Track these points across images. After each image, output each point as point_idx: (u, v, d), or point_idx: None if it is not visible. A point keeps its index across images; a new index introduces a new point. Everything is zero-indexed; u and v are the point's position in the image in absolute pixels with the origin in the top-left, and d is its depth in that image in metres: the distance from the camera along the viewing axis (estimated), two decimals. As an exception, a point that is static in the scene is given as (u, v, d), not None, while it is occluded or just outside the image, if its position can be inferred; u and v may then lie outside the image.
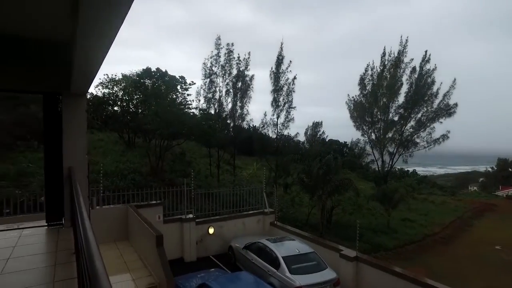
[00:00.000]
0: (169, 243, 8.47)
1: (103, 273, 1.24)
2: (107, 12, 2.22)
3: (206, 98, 25.34)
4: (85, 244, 1.71)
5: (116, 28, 2.58)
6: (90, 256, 1.45)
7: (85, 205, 2.55)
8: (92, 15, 2.28)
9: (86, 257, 1.49)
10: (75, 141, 5.23)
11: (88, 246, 1.60)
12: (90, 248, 1.56)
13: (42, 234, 4.89)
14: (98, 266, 1.31)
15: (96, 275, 1.22)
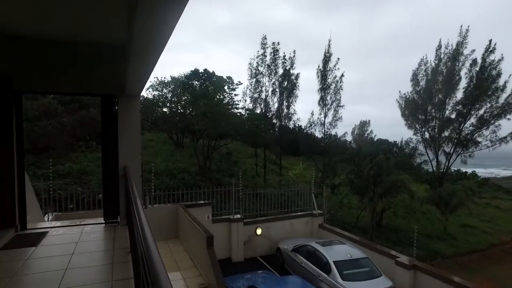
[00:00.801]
0: (217, 243, 8.46)
1: (164, 275, 1.18)
2: (163, 15, 2.27)
3: (252, 98, 25.46)
4: (144, 245, 1.64)
5: (170, 30, 2.62)
6: (151, 258, 1.39)
7: (141, 204, 2.49)
8: (148, 19, 2.33)
9: (147, 258, 1.42)
10: (129, 141, 5.38)
11: (148, 248, 1.54)
12: (150, 249, 1.50)
13: (100, 231, 5.05)
14: (158, 268, 1.26)
15: (157, 276, 1.18)
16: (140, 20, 2.33)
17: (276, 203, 13.42)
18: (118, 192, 5.36)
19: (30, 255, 4.01)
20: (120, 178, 5.30)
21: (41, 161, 15.33)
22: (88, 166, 16.52)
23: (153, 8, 2.15)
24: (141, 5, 2.09)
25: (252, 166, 25.02)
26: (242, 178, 12.60)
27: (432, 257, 17.51)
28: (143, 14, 2.23)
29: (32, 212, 5.84)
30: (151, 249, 1.51)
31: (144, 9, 2.15)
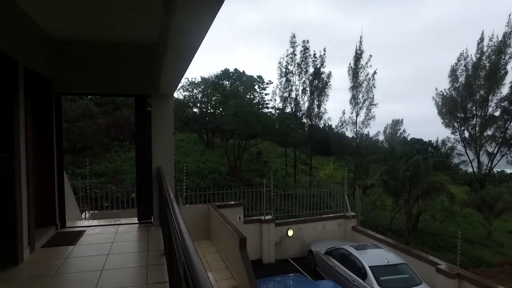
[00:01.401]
0: (248, 244, 8.32)
1: (207, 280, 1.12)
2: (198, 16, 2.29)
3: (282, 97, 25.20)
4: (184, 248, 1.56)
5: (206, 30, 2.61)
6: (191, 262, 1.31)
7: (177, 208, 2.38)
8: (184, 20, 2.34)
9: (187, 263, 1.34)
10: (163, 141, 5.36)
11: (188, 252, 1.42)
12: (189, 252, 1.40)
13: (134, 231, 5.07)
14: (200, 273, 1.18)
15: (199, 282, 1.12)
16: (176, 21, 2.33)
17: (308, 204, 13.14)
18: (152, 193, 5.36)
19: (69, 253, 4.06)
20: (153, 178, 5.30)
21: (79, 160, 15.97)
22: (122, 166, 17.00)
23: (189, 8, 2.16)
24: (177, 6, 2.10)
25: (282, 166, 24.76)
26: (272, 178, 12.45)
27: (475, 265, 16.43)
28: (179, 15, 2.24)
29: (70, 210, 5.98)
30: (191, 253, 1.39)
31: (180, 10, 2.16)
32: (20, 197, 3.76)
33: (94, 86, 5.27)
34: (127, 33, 4.86)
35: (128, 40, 5.09)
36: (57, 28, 4.61)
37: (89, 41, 5.06)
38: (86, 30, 4.72)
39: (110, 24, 4.52)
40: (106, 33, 4.88)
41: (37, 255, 4.01)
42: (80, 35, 4.90)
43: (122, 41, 5.13)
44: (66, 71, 5.02)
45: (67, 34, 4.84)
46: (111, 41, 5.10)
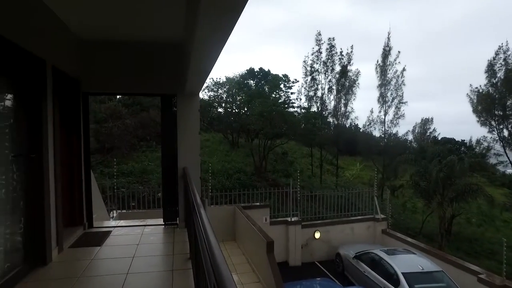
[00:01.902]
0: (274, 246, 8.17)
1: None
2: (224, 13, 2.28)
3: (307, 96, 24.77)
4: (212, 260, 1.40)
5: (231, 28, 2.57)
6: (219, 272, 1.20)
7: (202, 207, 2.22)
8: (209, 18, 2.35)
9: (215, 274, 1.24)
10: (188, 141, 5.26)
11: (216, 263, 1.31)
12: (218, 265, 1.27)
13: (159, 233, 4.99)
14: (228, 282, 1.11)
15: None
16: (200, 19, 2.34)
17: (335, 205, 12.76)
18: (177, 194, 5.26)
19: (95, 255, 4.02)
20: (179, 179, 5.21)
21: (107, 160, 16.35)
22: (148, 166, 17.26)
23: (214, 7, 2.17)
24: (201, 5, 2.09)
25: (308, 166, 24.37)
26: (299, 179, 12.18)
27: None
28: (203, 13, 2.24)
29: (98, 210, 6.01)
30: (219, 264, 1.27)
31: (204, 8, 2.16)
32: (48, 197, 3.75)
33: (120, 86, 5.25)
34: (153, 33, 4.80)
35: (154, 39, 5.03)
36: (84, 28, 4.61)
37: (115, 41, 5.04)
38: (113, 29, 4.70)
39: (136, 23, 4.48)
40: (132, 33, 4.85)
41: (64, 255, 4.00)
42: (107, 35, 4.89)
43: (148, 41, 5.08)
44: (93, 71, 5.02)
45: (94, 34, 4.84)
46: (137, 40, 5.06)
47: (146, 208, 9.89)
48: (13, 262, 3.36)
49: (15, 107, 3.45)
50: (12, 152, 3.37)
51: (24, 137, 3.55)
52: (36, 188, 3.62)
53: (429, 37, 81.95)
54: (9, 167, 3.34)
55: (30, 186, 3.58)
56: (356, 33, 58.69)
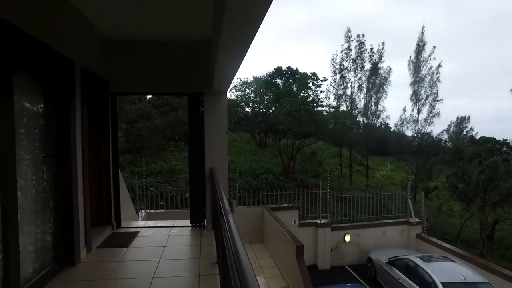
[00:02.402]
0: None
1: None
2: (250, 10, 2.27)
3: (336, 95, 24.17)
4: (237, 264, 1.31)
5: (258, 23, 2.54)
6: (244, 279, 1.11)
7: (230, 210, 2.06)
8: (236, 15, 2.33)
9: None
10: (216, 141, 5.14)
11: (241, 267, 1.22)
12: (243, 269, 1.19)
13: (186, 235, 4.90)
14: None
15: None
16: (228, 16, 2.32)
17: (365, 207, 12.29)
18: (204, 195, 5.16)
19: (122, 256, 3.98)
20: (206, 180, 5.10)
21: (137, 160, 16.69)
22: (176, 165, 17.45)
23: (241, 3, 2.16)
24: (229, 1, 2.09)
25: (336, 167, 23.77)
26: (329, 180, 11.83)
27: None
28: (230, 10, 2.22)
29: (126, 210, 6.04)
30: (245, 271, 1.15)
31: (231, 4, 2.15)
32: (76, 197, 3.74)
33: (147, 86, 5.22)
34: (180, 31, 4.73)
35: (181, 37, 4.96)
36: (111, 28, 4.60)
37: (142, 41, 5.02)
38: (139, 29, 4.67)
39: (162, 22, 4.42)
40: (159, 32, 4.79)
41: (93, 256, 3.99)
42: (133, 35, 4.87)
43: (175, 39, 5.02)
44: (121, 71, 5.02)
45: (121, 34, 4.84)
46: (163, 39, 5.01)
47: (174, 208, 9.93)
48: (44, 261, 3.37)
49: (45, 108, 3.46)
50: (42, 152, 3.38)
51: (53, 137, 3.56)
52: (65, 188, 3.62)
53: (465, 31, 77.86)
54: (39, 167, 3.35)
55: (59, 186, 3.58)
56: (384, 30, 56.73)
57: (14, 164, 2.80)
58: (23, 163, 3.06)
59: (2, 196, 2.69)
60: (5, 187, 2.69)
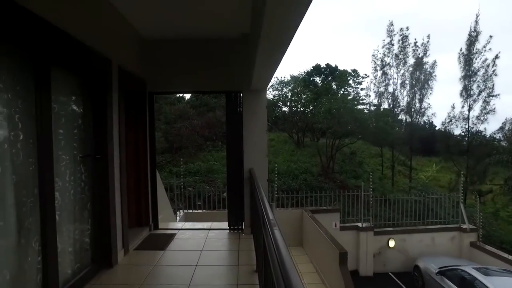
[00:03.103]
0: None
1: None
2: (293, 4, 2.17)
3: (377, 92, 23.08)
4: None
5: (301, 16, 2.40)
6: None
7: (275, 222, 1.81)
8: (277, 9, 2.24)
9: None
10: (255, 140, 4.91)
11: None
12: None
13: (224, 239, 4.73)
14: None
15: None
16: (269, 8, 2.22)
17: (411, 211, 11.50)
18: (243, 197, 4.95)
19: (159, 260, 3.87)
20: (245, 181, 4.89)
21: (176, 159, 16.98)
22: (214, 165, 17.53)
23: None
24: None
25: (377, 167, 22.70)
26: (368, 181, 11.23)
27: None
28: (271, 6, 2.16)
29: (163, 210, 5.99)
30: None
31: (272, 1, 2.09)
32: (113, 198, 3.68)
33: (185, 85, 5.11)
34: (216, 27, 4.57)
35: (218, 34, 4.80)
36: (148, 27, 4.54)
37: (179, 38, 4.92)
38: (177, 27, 4.57)
39: (200, 19, 4.30)
40: (196, 29, 4.67)
41: (130, 258, 3.92)
42: (170, 33, 4.78)
43: (212, 36, 4.87)
44: (158, 70, 4.95)
45: (158, 33, 4.76)
46: (200, 36, 4.88)
47: (211, 208, 9.88)
48: (82, 263, 3.33)
49: (83, 108, 3.42)
50: (80, 153, 3.34)
51: (91, 137, 3.52)
52: (102, 189, 3.57)
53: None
54: (78, 168, 3.31)
55: (97, 187, 3.53)
56: (429, 22, 53.24)
57: (51, 164, 2.75)
58: (61, 163, 3.02)
59: (40, 197, 2.65)
60: (42, 187, 2.64)
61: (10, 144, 2.40)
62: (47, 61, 2.69)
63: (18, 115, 2.49)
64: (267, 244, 1.71)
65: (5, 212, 2.34)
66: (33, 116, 2.61)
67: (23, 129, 2.53)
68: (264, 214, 1.97)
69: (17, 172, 2.45)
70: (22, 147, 2.51)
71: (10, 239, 2.38)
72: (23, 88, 2.54)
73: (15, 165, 2.45)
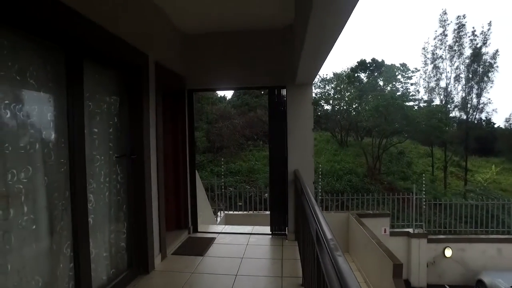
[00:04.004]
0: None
1: None
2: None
3: (428, 88, 21.49)
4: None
5: (353, 5, 2.14)
6: None
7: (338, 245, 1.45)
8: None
9: None
10: (300, 139, 4.53)
11: None
12: None
13: (266, 245, 4.40)
14: None
15: None
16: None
17: (469, 217, 10.40)
18: (287, 199, 4.60)
19: (196, 267, 3.64)
20: (289, 183, 4.53)
21: (217, 159, 17.02)
22: (255, 165, 17.33)
23: None
24: None
25: (427, 168, 21.14)
26: (417, 182, 10.34)
27: None
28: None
29: (203, 212, 5.81)
30: None
31: None
32: (150, 200, 3.50)
33: (225, 81, 4.84)
34: (258, 18, 4.27)
35: (259, 25, 4.49)
36: (188, 20, 4.34)
37: (218, 32, 4.68)
38: (216, 19, 4.33)
39: (241, 11, 4.03)
40: (236, 22, 4.41)
41: (167, 264, 3.73)
42: (210, 26, 4.55)
43: (252, 28, 4.58)
44: (198, 67, 4.75)
45: (197, 27, 4.56)
46: (241, 29, 4.60)
47: (252, 209, 9.62)
48: (118, 268, 3.18)
49: (119, 105, 3.27)
50: (116, 153, 3.19)
51: (127, 137, 3.36)
52: (139, 191, 3.40)
53: None
54: (113, 168, 3.16)
55: (133, 189, 3.37)
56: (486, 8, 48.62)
57: (84, 165, 2.59)
58: (95, 164, 2.87)
59: (72, 200, 2.50)
60: (74, 190, 2.49)
61: (41, 144, 2.26)
62: (79, 55, 2.53)
63: (49, 113, 2.35)
64: (325, 271, 1.35)
65: (36, 215, 2.21)
66: (65, 114, 2.46)
67: (54, 128, 2.39)
68: (320, 232, 1.60)
69: (48, 173, 2.31)
70: (53, 147, 2.37)
71: (41, 244, 2.24)
72: (55, 84, 2.40)
73: (47, 166, 2.31)
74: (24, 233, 2.07)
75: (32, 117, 2.20)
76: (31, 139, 2.18)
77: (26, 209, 2.10)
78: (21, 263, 2.05)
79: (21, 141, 2.10)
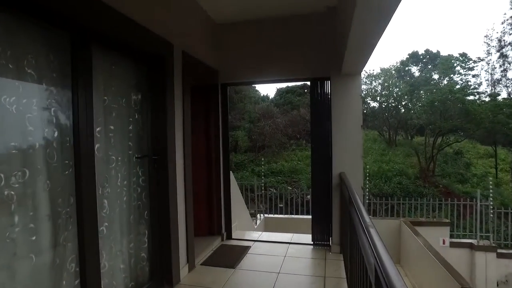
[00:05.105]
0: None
1: None
2: None
3: (491, 80, 19.28)
4: None
5: None
6: None
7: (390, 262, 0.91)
8: None
9: None
10: (347, 138, 3.91)
11: None
12: None
13: (307, 258, 3.86)
14: None
15: None
16: None
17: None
18: (331, 206, 4.02)
19: (226, 282, 3.22)
20: (333, 189, 3.95)
21: (258, 158, 16.66)
22: (297, 165, 16.71)
23: None
24: None
25: (488, 170, 18.96)
26: (481, 186, 9.09)
27: None
28: None
29: (239, 216, 5.39)
30: None
31: None
32: (175, 206, 3.15)
33: (262, 73, 4.37)
34: (298, 2, 3.75)
35: (297, 9, 3.97)
36: (220, 7, 3.93)
37: (253, 20, 4.23)
38: (251, 5, 3.88)
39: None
40: (273, 7, 3.92)
41: (194, 277, 3.35)
42: (244, 13, 4.13)
43: (291, 14, 4.08)
44: (232, 59, 4.34)
45: (231, 15, 4.16)
46: (278, 16, 4.12)
47: (294, 212, 9.08)
48: (138, 281, 2.85)
49: (140, 100, 2.94)
50: (136, 153, 2.86)
51: (150, 135, 3.02)
52: (162, 195, 3.05)
53: None
54: (133, 170, 2.82)
55: (156, 193, 3.03)
56: None
57: (92, 167, 2.25)
58: (111, 165, 2.54)
59: (77, 207, 2.18)
60: (80, 196, 2.16)
61: (42, 143, 1.96)
62: (86, 39, 2.20)
63: (53, 108, 2.04)
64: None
65: (37, 225, 1.90)
66: (71, 109, 2.14)
67: (58, 124, 2.07)
68: (382, 272, 1.06)
69: (51, 176, 2.00)
70: (57, 146, 2.06)
71: (41, 258, 1.93)
72: (60, 75, 2.09)
73: (50, 168, 2.01)
74: (21, 246, 1.77)
75: (32, 112, 1.90)
76: (30, 137, 1.88)
77: (24, 218, 1.80)
78: (16, 281, 1.75)
79: (17, 140, 1.80)
